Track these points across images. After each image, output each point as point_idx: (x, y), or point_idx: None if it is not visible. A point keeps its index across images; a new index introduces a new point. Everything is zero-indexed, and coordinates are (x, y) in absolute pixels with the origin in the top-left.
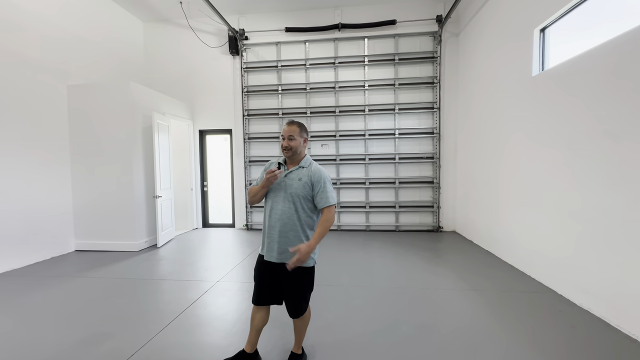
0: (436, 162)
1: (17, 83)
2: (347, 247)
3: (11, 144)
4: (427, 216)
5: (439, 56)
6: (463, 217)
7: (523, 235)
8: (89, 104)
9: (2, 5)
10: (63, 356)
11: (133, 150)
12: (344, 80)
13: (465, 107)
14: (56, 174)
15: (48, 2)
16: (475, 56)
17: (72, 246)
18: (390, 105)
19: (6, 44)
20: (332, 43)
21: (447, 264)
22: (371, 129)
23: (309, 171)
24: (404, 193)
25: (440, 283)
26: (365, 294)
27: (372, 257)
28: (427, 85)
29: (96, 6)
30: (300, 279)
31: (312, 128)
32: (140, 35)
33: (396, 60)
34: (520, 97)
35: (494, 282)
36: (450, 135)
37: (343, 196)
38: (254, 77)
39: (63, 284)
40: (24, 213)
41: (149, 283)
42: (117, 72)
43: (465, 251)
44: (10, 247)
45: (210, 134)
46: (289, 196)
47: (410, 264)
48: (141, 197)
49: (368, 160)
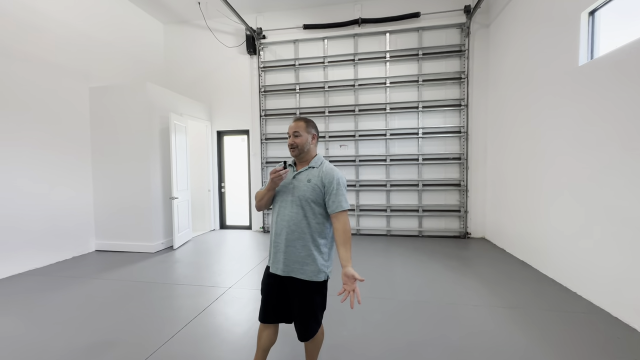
0: (463, 163)
1: (42, 86)
2: (367, 253)
3: (36, 146)
4: (453, 221)
5: (467, 49)
6: (494, 223)
7: (566, 244)
8: (109, 105)
9: (26, 10)
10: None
11: (150, 151)
12: (364, 77)
13: (497, 104)
14: (78, 175)
15: (71, 7)
16: (508, 48)
17: (92, 246)
18: (413, 103)
19: (31, 48)
20: (351, 39)
21: (477, 275)
22: (393, 128)
23: (320, 171)
24: (428, 196)
25: (469, 297)
26: (386, 307)
27: (393, 265)
28: (453, 81)
29: (118, 10)
30: (309, 296)
31: (331, 128)
32: (161, 37)
33: (420, 55)
34: (562, 90)
35: (532, 299)
36: (479, 134)
37: (362, 199)
38: (271, 76)
39: (79, 285)
40: (48, 213)
41: (161, 287)
42: (138, 74)
43: (496, 261)
44: (34, 246)
45: (227, 134)
46: (297, 200)
47: (435, 274)
48: (158, 198)
49: (389, 161)
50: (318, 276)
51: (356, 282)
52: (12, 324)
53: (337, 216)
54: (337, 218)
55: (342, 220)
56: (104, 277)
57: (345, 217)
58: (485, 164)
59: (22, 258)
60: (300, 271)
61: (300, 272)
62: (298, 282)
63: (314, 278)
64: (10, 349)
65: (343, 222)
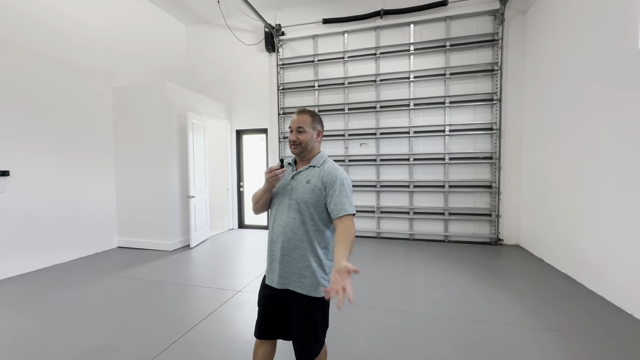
0: (495, 163)
1: (67, 88)
2: (386, 258)
3: (62, 146)
4: (483, 226)
5: (500, 39)
6: (530, 229)
7: (622, 257)
8: (130, 105)
9: (53, 14)
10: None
11: (168, 150)
12: (386, 72)
13: (535, 97)
14: (102, 174)
15: (95, 10)
16: (549, 34)
17: (114, 243)
18: (439, 99)
19: (56, 50)
20: (373, 32)
21: (511, 288)
22: (417, 125)
23: (321, 171)
24: (455, 198)
25: (502, 315)
26: (404, 322)
27: (414, 273)
28: (484, 74)
29: (141, 12)
30: (309, 313)
31: (350, 126)
32: (183, 38)
33: (447, 47)
34: (617, 78)
35: (579, 321)
36: (513, 131)
37: (384, 200)
38: (289, 73)
39: (94, 282)
40: (74, 210)
41: (171, 287)
42: (161, 75)
43: (533, 272)
44: (61, 241)
45: (246, 133)
46: (294, 203)
47: (462, 285)
48: (176, 197)
49: (412, 161)
50: (317, 291)
51: (349, 278)
52: (21, 321)
53: (341, 220)
54: (342, 221)
55: (345, 223)
56: (119, 275)
57: (350, 222)
58: (520, 164)
59: (49, 253)
60: (298, 284)
61: (298, 285)
62: (295, 296)
63: (312, 293)
64: (9, 348)
65: (347, 224)
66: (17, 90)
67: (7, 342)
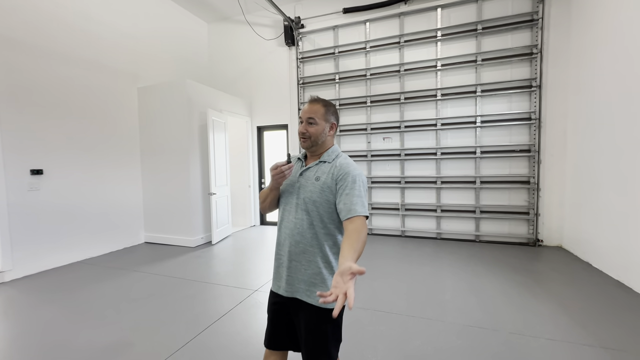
0: (534, 156)
1: (95, 89)
2: (411, 258)
3: (92, 145)
4: (519, 225)
5: (540, 18)
6: (575, 229)
7: None
8: (153, 103)
9: (80, 18)
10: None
11: (190, 147)
12: (410, 61)
13: (582, 83)
14: (130, 171)
15: (121, 13)
16: (600, 10)
17: (142, 238)
18: (470, 87)
19: (85, 53)
20: (396, 19)
21: (553, 295)
22: (445, 117)
23: (332, 167)
24: (488, 195)
25: (543, 328)
26: (429, 331)
27: (442, 276)
28: (521, 58)
29: (166, 13)
30: (318, 325)
31: (373, 119)
32: (205, 36)
33: (479, 30)
34: None
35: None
36: (556, 120)
37: (409, 197)
38: (309, 67)
39: (118, 277)
40: (104, 207)
41: (190, 285)
42: (184, 74)
43: (580, 278)
44: (92, 236)
45: (267, 130)
46: (302, 203)
47: (496, 292)
48: (197, 193)
49: (440, 155)
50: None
51: (353, 281)
52: (48, 315)
53: (351, 221)
54: (350, 222)
55: (356, 224)
56: (142, 270)
57: (361, 223)
58: (564, 158)
59: (82, 247)
60: (307, 293)
61: (307, 295)
62: (304, 306)
63: (322, 304)
64: (32, 342)
65: (357, 225)
66: (50, 92)
67: (31, 336)
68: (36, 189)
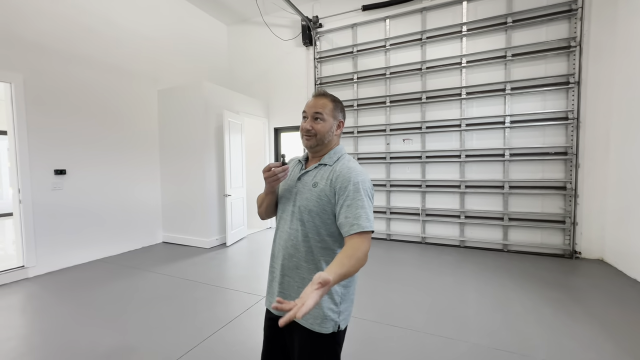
0: (571, 159)
1: (117, 92)
2: (430, 267)
3: (113, 146)
4: (554, 234)
5: (580, 8)
6: (619, 241)
7: None
8: (172, 105)
9: (103, 24)
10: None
11: (206, 148)
12: (433, 59)
13: (630, 78)
14: (149, 172)
15: (141, 18)
16: None
17: (160, 238)
18: (498, 85)
19: (107, 58)
20: (418, 15)
21: (595, 318)
22: (470, 117)
23: (332, 171)
24: (518, 201)
25: (583, 354)
26: (450, 352)
27: (464, 289)
28: (557, 53)
29: (186, 16)
30: (313, 353)
31: (392, 120)
32: (224, 38)
33: (509, 23)
34: None
35: None
36: (597, 120)
37: (429, 202)
38: (327, 67)
39: (133, 277)
40: (124, 206)
41: (201, 287)
42: (203, 76)
43: (626, 298)
44: (111, 235)
45: (284, 131)
46: (297, 211)
47: (527, 309)
48: (213, 195)
49: (464, 158)
50: (322, 325)
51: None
52: (60, 314)
53: (353, 237)
54: (351, 239)
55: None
56: (156, 271)
57: (363, 240)
58: (606, 161)
59: (101, 246)
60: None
61: None
62: (298, 328)
63: (316, 327)
64: (40, 341)
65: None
66: (73, 95)
67: (39, 336)
68: (59, 189)
